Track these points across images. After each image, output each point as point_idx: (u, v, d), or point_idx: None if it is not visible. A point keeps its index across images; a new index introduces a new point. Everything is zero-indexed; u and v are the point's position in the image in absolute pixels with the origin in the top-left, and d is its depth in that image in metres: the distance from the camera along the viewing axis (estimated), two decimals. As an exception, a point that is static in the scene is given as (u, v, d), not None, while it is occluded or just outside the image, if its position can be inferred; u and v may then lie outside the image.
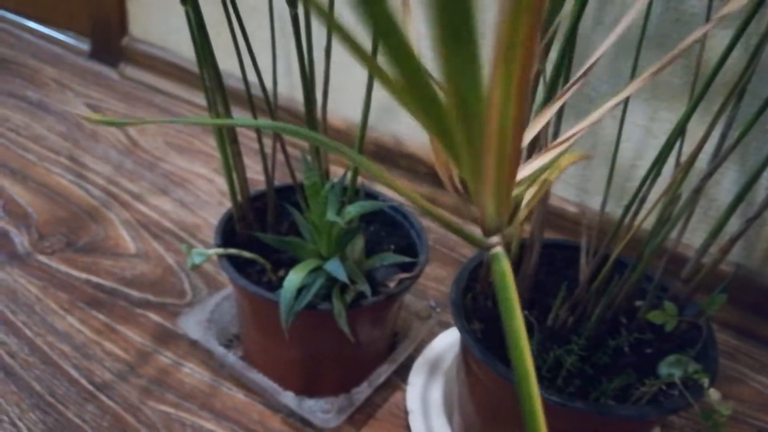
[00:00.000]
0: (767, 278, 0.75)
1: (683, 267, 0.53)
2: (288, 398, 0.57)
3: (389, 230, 0.64)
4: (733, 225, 0.57)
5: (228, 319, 0.66)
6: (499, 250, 0.21)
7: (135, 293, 0.72)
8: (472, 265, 0.56)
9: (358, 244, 0.57)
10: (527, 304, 0.54)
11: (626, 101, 0.50)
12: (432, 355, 0.67)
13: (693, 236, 0.78)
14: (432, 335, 0.69)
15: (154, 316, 0.70)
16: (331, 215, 0.45)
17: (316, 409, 0.56)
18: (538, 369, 0.49)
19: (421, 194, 0.94)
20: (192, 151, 1.01)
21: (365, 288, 0.47)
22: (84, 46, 1.31)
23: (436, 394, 0.64)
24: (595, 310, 0.51)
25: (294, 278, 0.47)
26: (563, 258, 0.60)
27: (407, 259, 0.51)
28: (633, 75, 0.56)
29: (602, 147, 0.80)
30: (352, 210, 0.47)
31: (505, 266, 0.20)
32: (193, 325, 0.62)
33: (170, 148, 1.01)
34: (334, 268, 0.46)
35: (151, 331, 0.68)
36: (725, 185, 0.74)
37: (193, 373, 0.64)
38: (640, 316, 0.52)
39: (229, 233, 0.59)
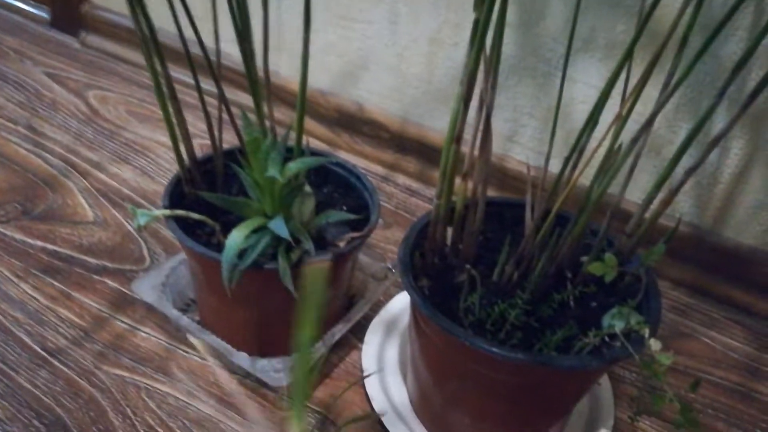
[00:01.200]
0: (719, 237, 0.76)
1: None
2: (242, 359, 0.57)
3: (342, 192, 0.64)
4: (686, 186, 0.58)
5: (184, 283, 0.66)
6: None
7: (92, 260, 0.72)
8: (421, 223, 0.57)
9: (308, 204, 0.57)
10: (473, 261, 0.55)
11: (567, 59, 0.50)
12: (388, 315, 0.68)
13: (643, 196, 0.79)
14: (389, 297, 0.70)
15: (111, 283, 0.69)
16: (271, 171, 0.45)
17: (269, 368, 0.57)
18: (481, 323, 0.50)
19: (384, 161, 0.94)
20: (154, 119, 1.00)
21: (309, 246, 0.47)
22: (44, 14, 1.28)
23: (392, 353, 0.65)
24: (538, 265, 0.51)
25: (236, 237, 0.47)
26: (513, 216, 0.60)
27: (353, 216, 0.51)
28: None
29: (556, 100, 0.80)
30: (294, 166, 0.47)
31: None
32: (147, 289, 0.62)
33: (132, 117, 1.00)
34: (278, 226, 0.46)
35: (108, 297, 0.68)
36: (678, 144, 0.75)
37: (149, 337, 0.64)
38: (584, 270, 0.53)
39: (178, 195, 0.58)
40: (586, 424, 0.61)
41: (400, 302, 0.69)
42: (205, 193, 0.50)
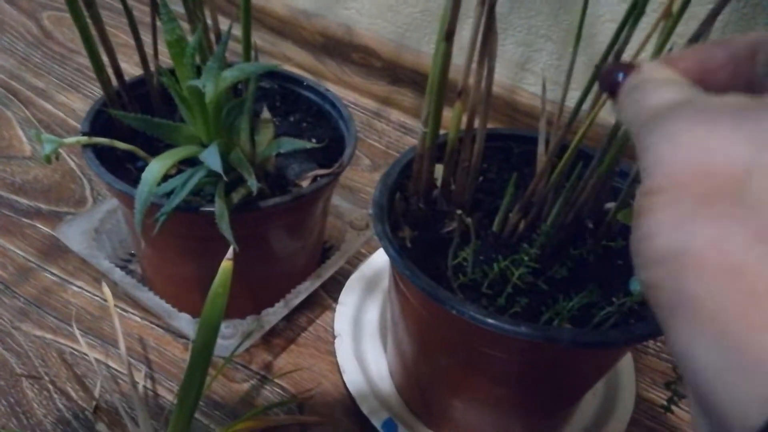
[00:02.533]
0: None
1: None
2: (183, 322, 0.47)
3: (314, 121, 0.52)
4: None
5: (128, 231, 0.56)
6: None
7: (23, 201, 0.61)
8: (406, 159, 0.45)
9: (266, 134, 0.46)
10: (470, 207, 0.43)
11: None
12: (370, 271, 0.57)
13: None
14: (373, 249, 0.59)
15: (43, 228, 0.59)
16: (195, 81, 0.33)
17: (216, 333, 0.46)
18: (476, 285, 0.39)
19: (375, 93, 0.82)
20: (115, 44, 0.87)
21: (252, 182, 0.36)
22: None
23: (372, 315, 0.55)
24: (552, 212, 0.40)
25: (155, 169, 0.36)
26: (522, 153, 0.48)
27: (309, 145, 0.40)
28: None
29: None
30: (229, 75, 0.35)
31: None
32: (75, 235, 0.52)
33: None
34: (209, 155, 0.35)
35: (37, 244, 0.57)
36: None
37: (81, 293, 0.54)
38: (610, 219, 0.42)
39: (104, 122, 0.47)
40: (601, 404, 0.50)
41: (385, 256, 0.58)
42: (121, 113, 0.38)
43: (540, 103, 0.64)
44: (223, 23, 0.43)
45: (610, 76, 0.23)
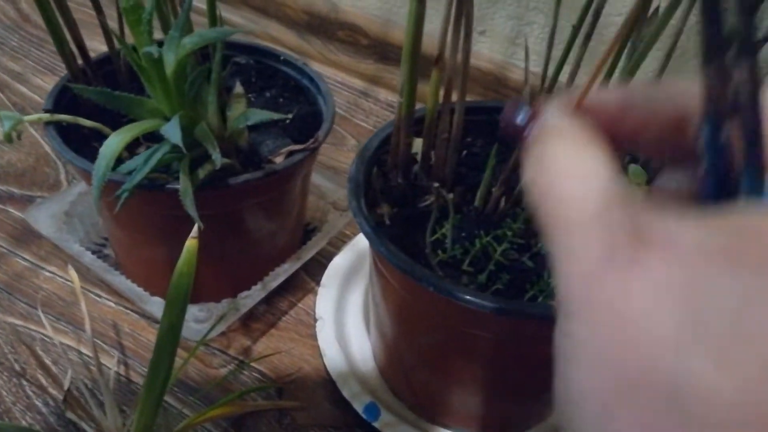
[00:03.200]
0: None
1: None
2: (155, 306, 0.45)
3: (291, 96, 0.50)
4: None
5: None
6: None
7: (-5, 185, 0.60)
8: (385, 132, 0.43)
9: (238, 108, 0.44)
10: (451, 182, 0.41)
11: None
12: (354, 253, 0.55)
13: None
14: (356, 230, 0.57)
15: (15, 212, 0.57)
16: (149, 48, 0.31)
17: (189, 317, 0.45)
18: (457, 262, 0.37)
19: (362, 72, 0.80)
20: (93, 26, 0.85)
21: (215, 156, 0.34)
22: None
23: (355, 298, 0.53)
24: (535, 185, 0.38)
25: (113, 142, 0.34)
26: (507, 126, 0.46)
27: (277, 115, 0.38)
28: None
29: None
30: (189, 41, 0.33)
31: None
32: (45, 219, 0.50)
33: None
34: (170, 129, 0.33)
35: (9, 229, 0.56)
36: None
37: (53, 278, 0.52)
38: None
39: (69, 99, 0.45)
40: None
41: (368, 237, 0.57)
42: (80, 87, 0.36)
43: (534, 80, 0.62)
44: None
45: (509, 118, 0.19)
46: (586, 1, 0.34)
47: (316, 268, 0.55)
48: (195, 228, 0.34)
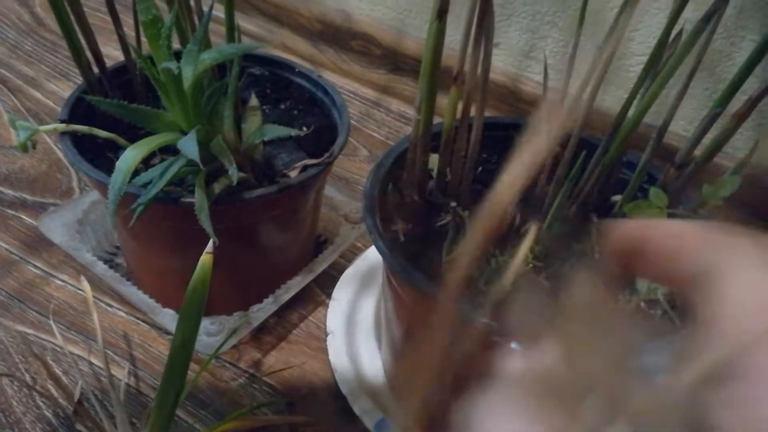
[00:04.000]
0: (782, 176, 0.61)
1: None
2: (167, 318, 0.45)
3: (305, 108, 0.50)
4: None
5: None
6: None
7: (8, 191, 0.60)
8: (400, 149, 0.43)
9: (253, 122, 0.44)
10: (467, 199, 0.41)
11: None
12: (366, 266, 0.55)
13: (688, 126, 0.64)
14: (368, 243, 0.57)
15: (27, 219, 0.57)
16: (167, 63, 0.31)
17: (201, 330, 0.44)
18: (472, 281, 0.37)
19: (375, 82, 0.80)
20: (108, 31, 0.85)
21: (231, 171, 0.34)
22: None
23: (366, 312, 0.53)
24: (554, 204, 0.38)
25: (130, 157, 0.34)
26: (524, 142, 0.46)
27: (294, 132, 0.38)
28: None
29: (589, 15, 0.65)
30: (208, 57, 0.33)
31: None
32: (57, 227, 0.50)
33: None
34: (187, 144, 0.33)
35: (21, 236, 0.55)
36: (738, 60, 0.59)
37: (65, 287, 0.52)
38: (616, 211, 0.39)
39: (85, 109, 0.45)
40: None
41: (380, 250, 0.56)
42: (95, 98, 0.36)
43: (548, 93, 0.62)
44: (207, 4, 0.41)
45: None
46: (610, 29, 0.33)
47: (327, 281, 0.54)
48: (210, 243, 0.34)
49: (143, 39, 0.46)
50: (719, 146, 0.36)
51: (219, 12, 0.47)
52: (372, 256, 0.56)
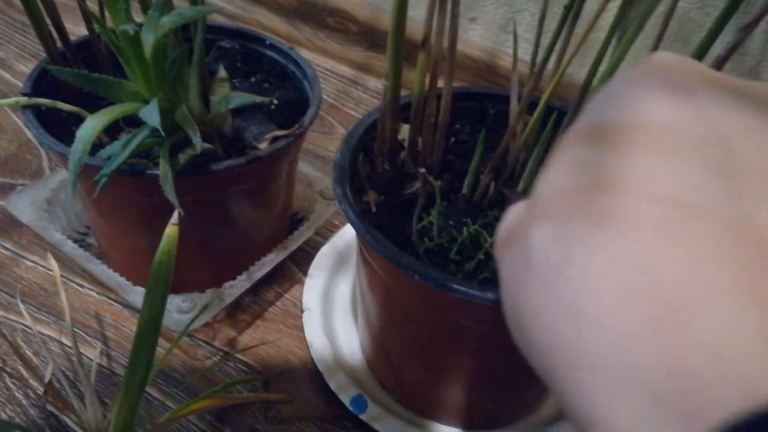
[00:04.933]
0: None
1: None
2: (138, 296, 0.44)
3: (276, 82, 0.49)
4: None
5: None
6: None
7: (-24, 173, 0.58)
8: (371, 118, 0.42)
9: (221, 93, 0.43)
10: (439, 168, 0.40)
11: None
12: (341, 242, 0.54)
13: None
14: (345, 220, 0.56)
15: (-5, 200, 0.56)
16: (125, 25, 0.30)
17: (172, 307, 0.44)
18: (444, 250, 0.37)
19: (352, 60, 0.79)
20: (76, 10, 0.83)
21: (195, 141, 0.33)
22: None
23: (343, 289, 0.52)
24: (525, 170, 0.37)
25: (90, 125, 0.33)
26: (499, 112, 0.46)
27: (259, 99, 0.37)
28: None
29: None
30: (168, 21, 0.32)
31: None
32: (26, 206, 0.49)
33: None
34: (149, 112, 0.32)
35: (-11, 217, 0.54)
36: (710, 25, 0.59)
37: (35, 267, 0.51)
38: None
39: (49, 83, 0.44)
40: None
41: (357, 226, 0.56)
42: (56, 68, 0.35)
43: (523, 67, 0.61)
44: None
45: None
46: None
47: (303, 258, 0.54)
48: (175, 214, 0.33)
49: (108, 15, 0.45)
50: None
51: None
52: (348, 233, 0.55)
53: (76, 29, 0.51)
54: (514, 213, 0.19)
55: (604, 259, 0.13)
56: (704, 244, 0.12)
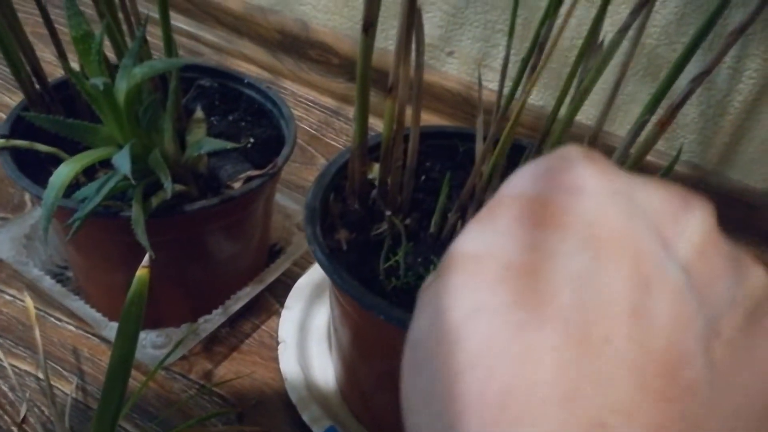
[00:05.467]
0: (725, 179, 0.63)
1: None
2: (113, 331, 0.45)
3: (253, 120, 0.51)
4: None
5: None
6: None
7: (-42, 207, 0.59)
8: (343, 158, 0.43)
9: (197, 134, 0.44)
10: (408, 208, 0.42)
11: None
12: (318, 274, 0.55)
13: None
14: (322, 251, 0.57)
15: (-24, 234, 0.56)
16: (95, 79, 0.31)
17: (147, 343, 0.45)
18: (411, 288, 0.38)
19: (334, 91, 0.80)
20: (65, 42, 0.84)
21: (166, 185, 0.34)
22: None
23: (319, 321, 0.53)
24: (488, 211, 0.38)
25: (64, 172, 0.34)
26: (468, 150, 0.47)
27: (230, 145, 0.38)
28: None
29: (535, 15, 0.66)
30: (139, 71, 0.33)
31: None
32: (5, 242, 0.49)
33: (35, 38, 0.85)
34: (120, 159, 0.33)
35: (-31, 251, 0.55)
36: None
37: (13, 302, 0.52)
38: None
39: (28, 124, 0.44)
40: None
41: (334, 258, 0.57)
42: (31, 114, 0.36)
43: (493, 95, 0.63)
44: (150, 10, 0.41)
45: None
46: (534, 35, 0.34)
47: (280, 290, 0.55)
48: (146, 257, 0.34)
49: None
50: (644, 153, 0.37)
51: (175, 22, 0.48)
52: (325, 264, 0.56)
53: (55, 60, 0.52)
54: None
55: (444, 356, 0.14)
56: (541, 345, 0.13)
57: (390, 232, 0.38)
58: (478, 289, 0.15)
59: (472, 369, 0.14)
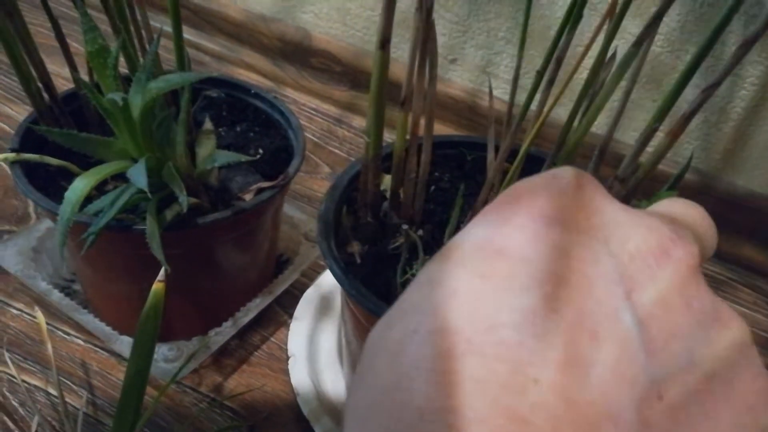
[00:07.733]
0: (729, 185, 0.63)
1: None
2: (125, 345, 0.45)
3: (261, 130, 0.50)
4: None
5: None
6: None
7: (-38, 220, 0.59)
8: (354, 170, 0.43)
9: (207, 146, 0.44)
10: (421, 219, 0.42)
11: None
12: (328, 285, 0.55)
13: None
14: (329, 261, 0.57)
15: (-19, 247, 0.56)
16: (112, 94, 0.31)
17: (159, 357, 0.44)
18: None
19: (336, 99, 0.80)
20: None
21: (181, 199, 0.34)
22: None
23: (329, 332, 0.53)
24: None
25: (79, 186, 0.34)
26: (477, 159, 0.47)
27: (245, 158, 0.38)
28: None
29: (539, 22, 0.66)
30: (155, 86, 0.33)
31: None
32: (12, 255, 0.49)
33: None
34: (135, 172, 0.33)
35: (-25, 265, 0.54)
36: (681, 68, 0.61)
37: (20, 315, 0.51)
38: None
39: (37, 137, 0.44)
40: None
41: (342, 268, 0.57)
42: (43, 128, 0.36)
43: (503, 107, 0.63)
44: (160, 25, 0.41)
45: None
46: (548, 50, 0.34)
47: (288, 301, 0.55)
48: (162, 272, 0.34)
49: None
50: (656, 163, 0.37)
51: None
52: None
53: (65, 71, 0.52)
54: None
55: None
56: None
57: (406, 246, 0.38)
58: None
59: (395, 389, 0.14)
